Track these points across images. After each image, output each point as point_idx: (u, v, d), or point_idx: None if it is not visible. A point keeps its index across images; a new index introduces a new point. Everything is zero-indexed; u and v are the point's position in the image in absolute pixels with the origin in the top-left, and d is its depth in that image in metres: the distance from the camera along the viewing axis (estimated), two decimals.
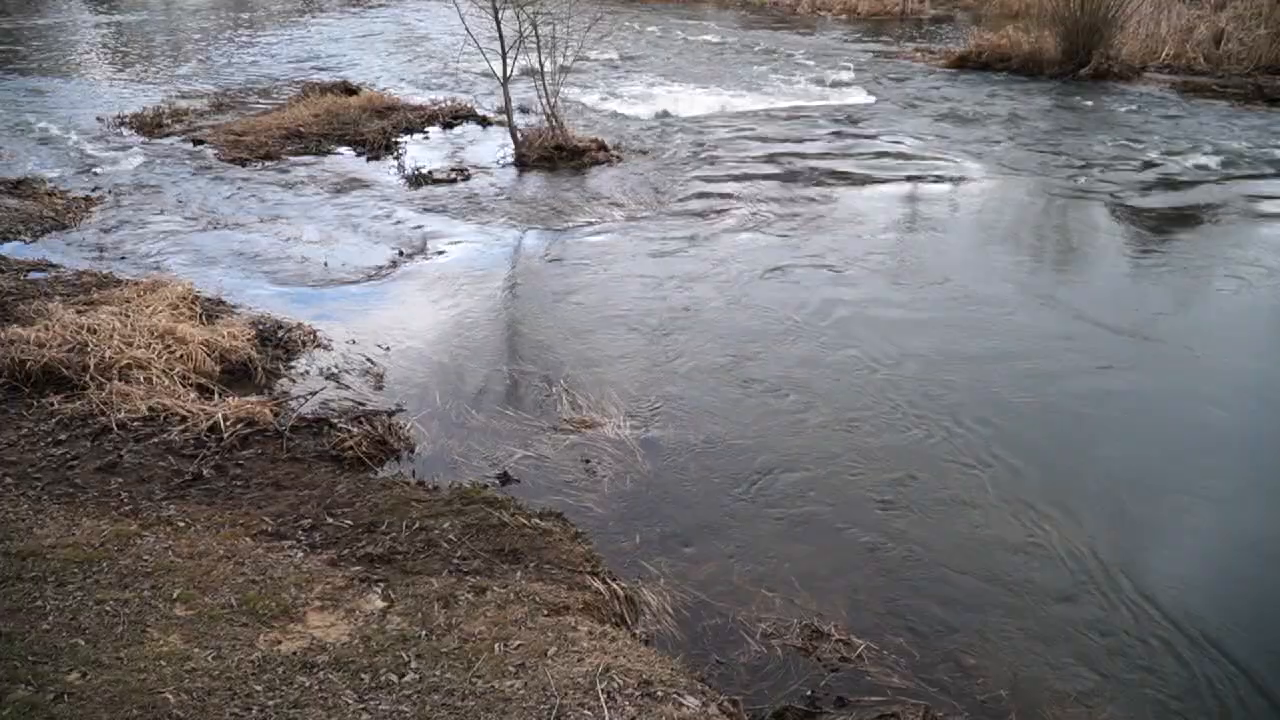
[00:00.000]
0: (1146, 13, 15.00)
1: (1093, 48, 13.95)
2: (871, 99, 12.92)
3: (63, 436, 4.49)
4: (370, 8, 22.56)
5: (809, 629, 3.52)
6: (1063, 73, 14.05)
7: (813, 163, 9.85)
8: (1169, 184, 9.22)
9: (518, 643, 3.15)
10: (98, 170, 9.36)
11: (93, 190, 8.67)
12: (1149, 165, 9.82)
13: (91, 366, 4.93)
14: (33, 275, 6.53)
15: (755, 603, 3.68)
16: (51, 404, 4.73)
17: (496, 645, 3.13)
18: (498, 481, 4.39)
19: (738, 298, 6.47)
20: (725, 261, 7.12)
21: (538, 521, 3.98)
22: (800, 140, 10.74)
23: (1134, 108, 12.40)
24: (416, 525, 3.89)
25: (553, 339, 5.89)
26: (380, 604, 3.37)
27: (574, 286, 6.72)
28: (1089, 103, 12.74)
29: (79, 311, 5.53)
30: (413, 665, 3.03)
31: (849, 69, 14.79)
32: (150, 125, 10.98)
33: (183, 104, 12.02)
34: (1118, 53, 14.14)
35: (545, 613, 3.36)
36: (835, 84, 13.86)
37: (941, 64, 15.22)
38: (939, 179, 9.34)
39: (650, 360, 5.60)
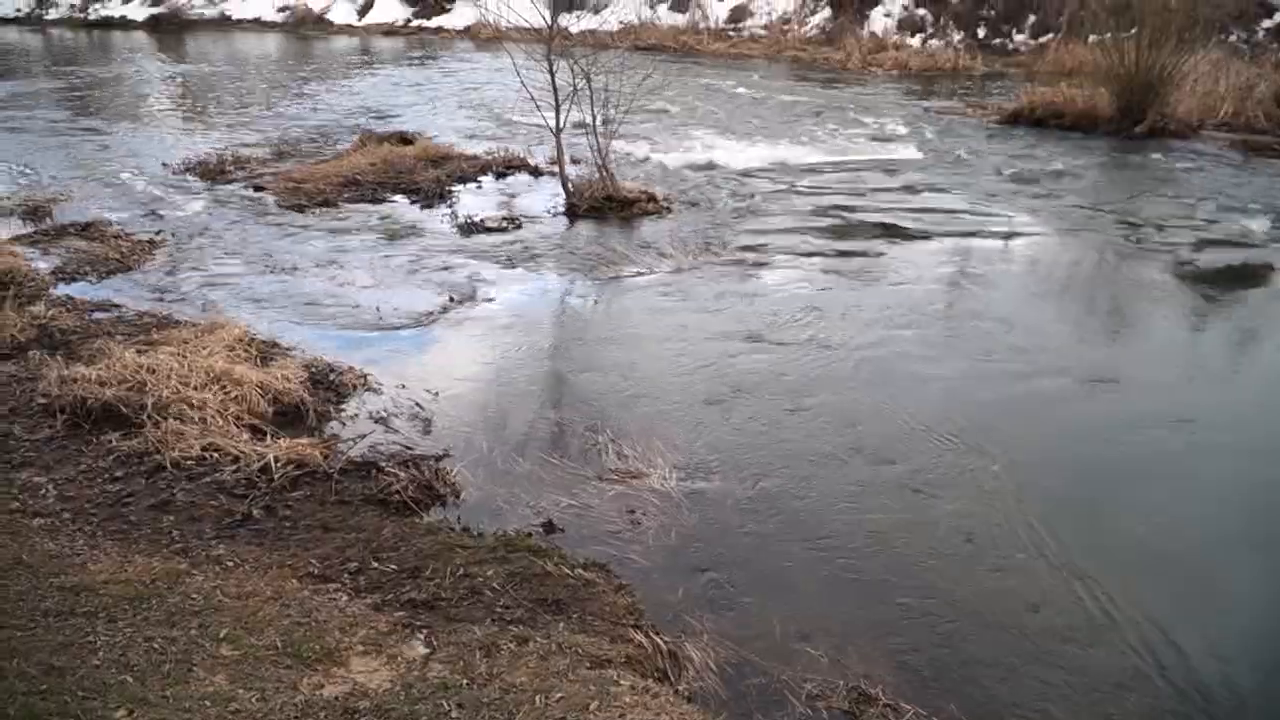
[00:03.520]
0: (1204, 70, 14.85)
1: (1148, 104, 13.83)
2: (923, 154, 12.91)
3: (119, 473, 4.58)
4: (426, 60, 23.13)
5: (855, 691, 3.44)
6: (1118, 129, 13.93)
7: (863, 216, 9.84)
8: (1226, 243, 9.05)
9: (559, 695, 3.12)
10: (162, 214, 9.64)
11: (156, 233, 8.92)
12: (1206, 224, 9.66)
13: (149, 405, 5.03)
14: (96, 315, 6.73)
15: (800, 662, 3.61)
16: (110, 441, 4.83)
17: (538, 697, 3.10)
18: (542, 530, 4.38)
19: (785, 350, 6.44)
20: (774, 314, 7.10)
21: (581, 572, 3.96)
22: (851, 194, 10.75)
23: (1191, 166, 12.25)
24: (460, 572, 3.89)
25: (599, 388, 5.90)
26: (423, 650, 3.37)
27: (621, 336, 6.74)
28: (1144, 160, 12.62)
29: (139, 351, 5.66)
30: (453, 715, 3.01)
31: (900, 123, 14.81)
32: (213, 171, 11.31)
33: (245, 151, 12.37)
34: (1174, 110, 13.98)
35: (588, 665, 3.32)
36: (886, 138, 13.88)
37: (994, 119, 15.18)
38: (992, 235, 9.27)
39: (697, 411, 5.58)
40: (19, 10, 38.96)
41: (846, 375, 6.07)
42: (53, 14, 37.71)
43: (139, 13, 35.47)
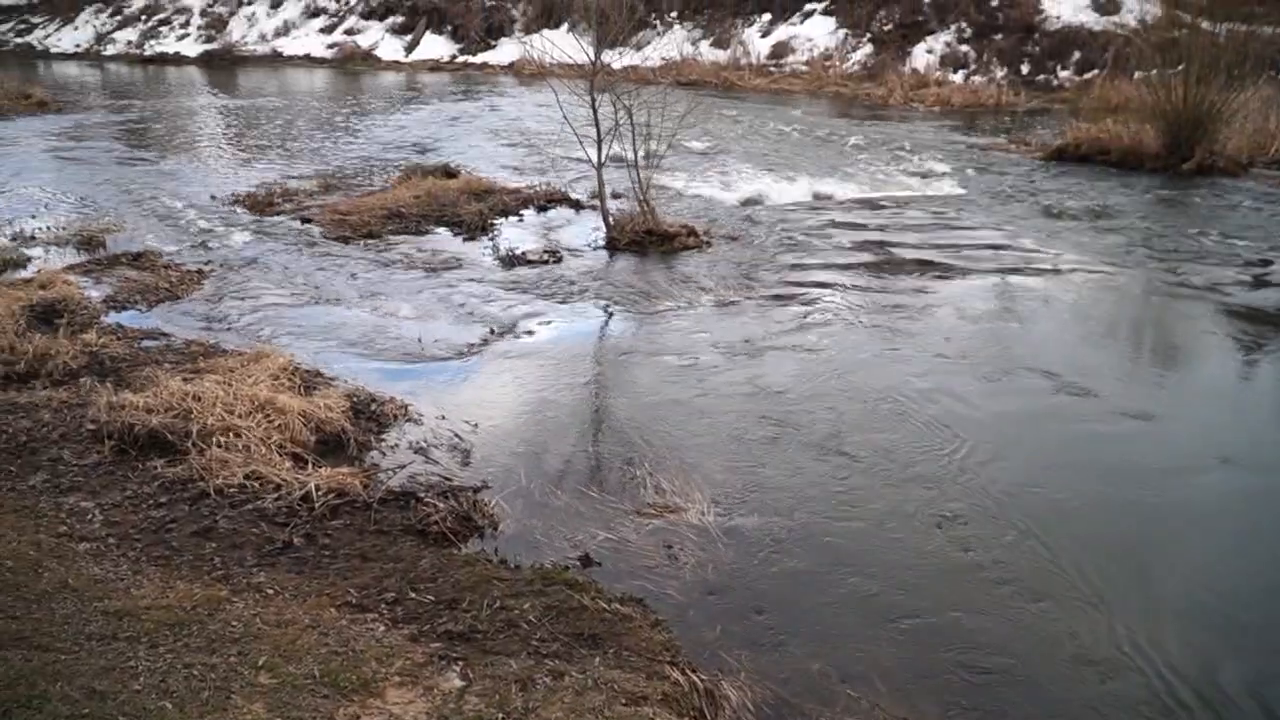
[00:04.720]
0: (1254, 107, 14.67)
1: (1196, 141, 13.66)
2: (966, 189, 12.85)
3: (163, 500, 4.64)
4: (470, 95, 23.49)
5: None
6: (1165, 167, 13.77)
7: (905, 252, 9.79)
8: (1276, 284, 8.88)
9: None
10: (210, 245, 9.84)
11: (205, 264, 9.10)
12: (1257, 263, 9.49)
13: (194, 433, 5.11)
14: (145, 343, 6.86)
15: (839, 704, 3.54)
16: (155, 468, 4.91)
17: None
18: (579, 563, 4.36)
19: (826, 385, 6.40)
20: (814, 349, 7.07)
21: (618, 606, 3.93)
22: (892, 230, 10.71)
23: (1240, 204, 12.06)
24: (497, 604, 3.88)
25: (638, 421, 5.90)
26: (458, 683, 3.36)
27: (660, 369, 6.74)
28: (1192, 198, 12.45)
29: (185, 379, 5.75)
30: None
31: (942, 159, 14.76)
32: (262, 204, 11.54)
33: (293, 184, 12.62)
34: (1223, 147, 13.81)
35: (623, 702, 3.29)
36: (928, 174, 13.83)
37: (1038, 156, 15.09)
38: (1036, 272, 9.17)
39: (736, 446, 5.55)
40: (79, 46, 40.36)
41: (889, 413, 6.00)
42: (110, 50, 38.98)
43: (193, 49, 36.53)
